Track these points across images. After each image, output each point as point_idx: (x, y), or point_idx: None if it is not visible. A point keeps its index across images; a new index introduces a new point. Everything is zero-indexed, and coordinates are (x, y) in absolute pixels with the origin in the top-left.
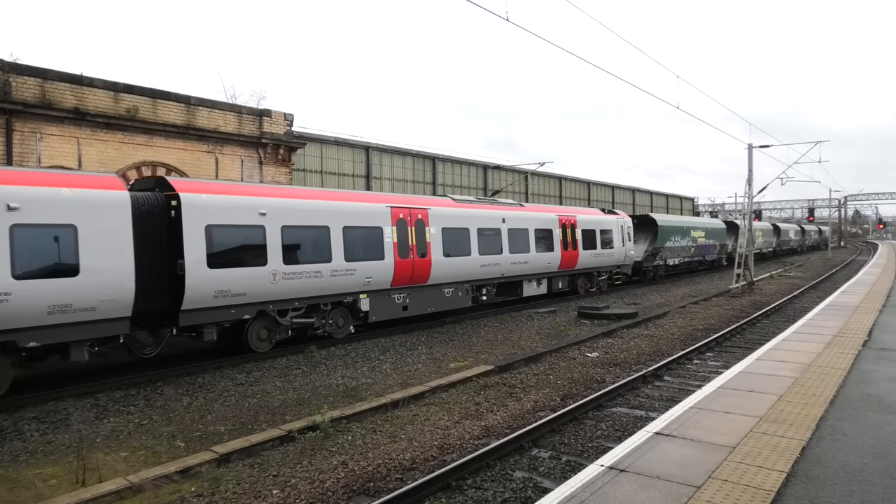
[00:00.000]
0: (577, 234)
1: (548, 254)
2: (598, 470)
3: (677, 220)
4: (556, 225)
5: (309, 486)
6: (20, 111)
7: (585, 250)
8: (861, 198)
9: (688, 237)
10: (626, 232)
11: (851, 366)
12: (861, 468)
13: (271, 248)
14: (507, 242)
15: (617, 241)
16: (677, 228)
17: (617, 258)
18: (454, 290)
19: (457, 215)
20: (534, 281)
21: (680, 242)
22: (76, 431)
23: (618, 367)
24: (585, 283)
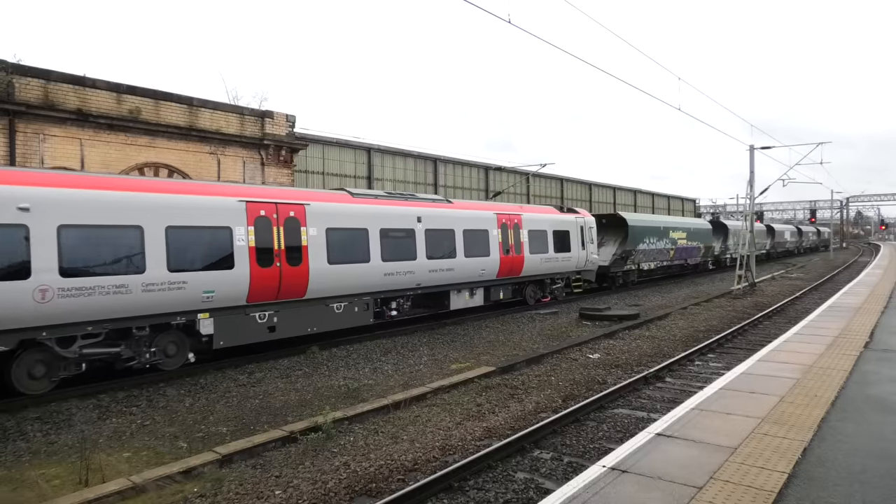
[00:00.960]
0: (522, 235)
1: (482, 259)
2: (600, 471)
3: (652, 220)
4: (494, 225)
5: (311, 486)
6: (23, 112)
7: (533, 254)
8: (863, 199)
9: (665, 239)
10: (588, 233)
11: (853, 367)
12: (862, 469)
13: (38, 256)
14: (423, 246)
15: (575, 244)
16: (652, 229)
17: (575, 263)
18: (348, 304)
19: (349, 213)
20: (465, 291)
21: (656, 245)
22: (79, 432)
23: (619, 369)
24: (536, 292)
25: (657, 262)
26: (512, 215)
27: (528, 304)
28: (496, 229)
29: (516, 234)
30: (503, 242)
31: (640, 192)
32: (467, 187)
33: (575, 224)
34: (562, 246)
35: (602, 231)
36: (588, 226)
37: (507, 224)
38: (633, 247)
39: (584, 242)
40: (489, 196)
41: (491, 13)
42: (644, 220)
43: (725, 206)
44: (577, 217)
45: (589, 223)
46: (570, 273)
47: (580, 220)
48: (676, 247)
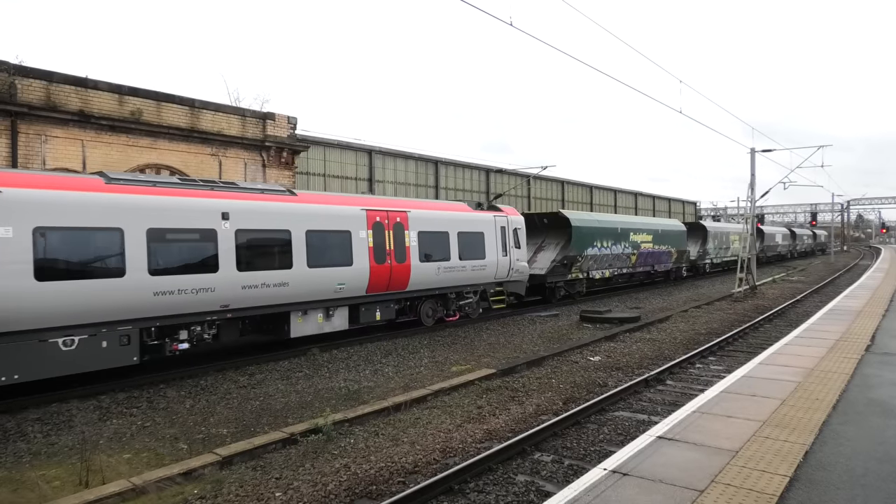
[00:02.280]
0: (407, 238)
1: (340, 270)
2: (601, 474)
3: (606, 220)
4: (362, 224)
5: (311, 488)
6: (25, 113)
7: (427, 262)
8: (864, 202)
9: (624, 242)
10: (513, 236)
11: (854, 370)
12: (864, 473)
13: None
14: (231, 252)
15: (492, 249)
16: (604, 230)
17: (494, 272)
18: (87, 339)
19: (89, 205)
20: (315, 312)
21: (611, 249)
22: (79, 433)
23: (620, 371)
24: (436, 310)
25: (614, 269)
26: (392, 212)
27: (425, 324)
28: (365, 230)
29: (398, 237)
30: (376, 247)
31: (641, 195)
32: (468, 189)
33: (492, 224)
34: (472, 251)
35: (543, 234)
36: (513, 227)
37: (382, 223)
38: (578, 251)
39: (506, 247)
40: (489, 198)
41: (493, 16)
42: (594, 220)
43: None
44: (498, 216)
45: (514, 223)
46: (488, 284)
47: (501, 219)
48: (640, 251)
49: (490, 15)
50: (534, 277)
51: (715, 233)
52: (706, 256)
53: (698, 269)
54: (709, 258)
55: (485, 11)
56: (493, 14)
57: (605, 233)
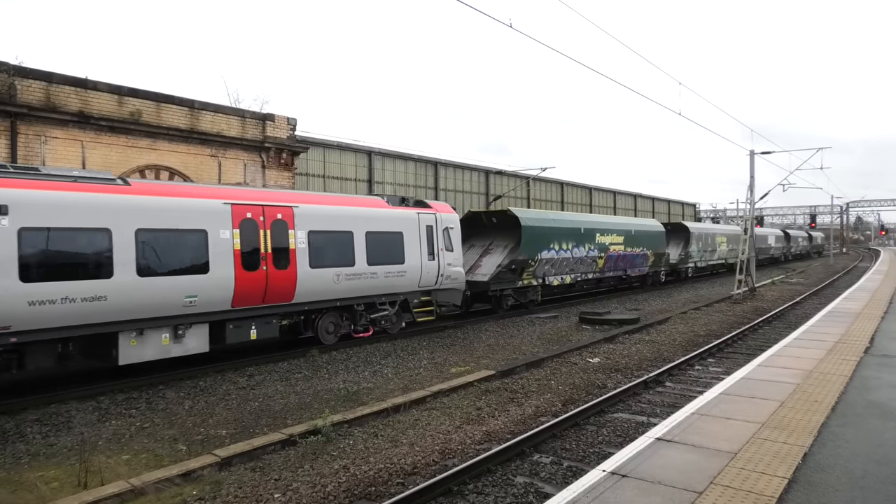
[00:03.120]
0: (293, 239)
1: (192, 278)
2: (600, 475)
3: (564, 220)
4: (225, 222)
5: (310, 490)
6: (25, 114)
7: (321, 268)
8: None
9: (589, 244)
10: (444, 236)
11: (853, 372)
12: (863, 475)
13: None
14: (10, 259)
15: (414, 251)
16: (563, 231)
17: (414, 279)
18: None
19: None
20: (159, 331)
21: (573, 252)
22: (78, 434)
23: (619, 373)
24: (341, 325)
25: (577, 274)
26: (270, 207)
27: (325, 341)
28: (229, 229)
29: (280, 237)
30: (245, 250)
31: (641, 197)
32: (468, 191)
33: (415, 223)
34: (387, 255)
35: (492, 235)
36: (444, 226)
37: (256, 221)
38: (530, 255)
39: (433, 249)
40: (489, 200)
41: (492, 17)
42: (550, 219)
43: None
44: (423, 213)
45: (445, 222)
46: (410, 294)
47: (427, 216)
48: (608, 254)
49: (490, 17)
50: (476, 285)
51: (699, 234)
52: (689, 260)
53: (680, 273)
54: (692, 261)
55: (484, 13)
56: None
57: (563, 233)
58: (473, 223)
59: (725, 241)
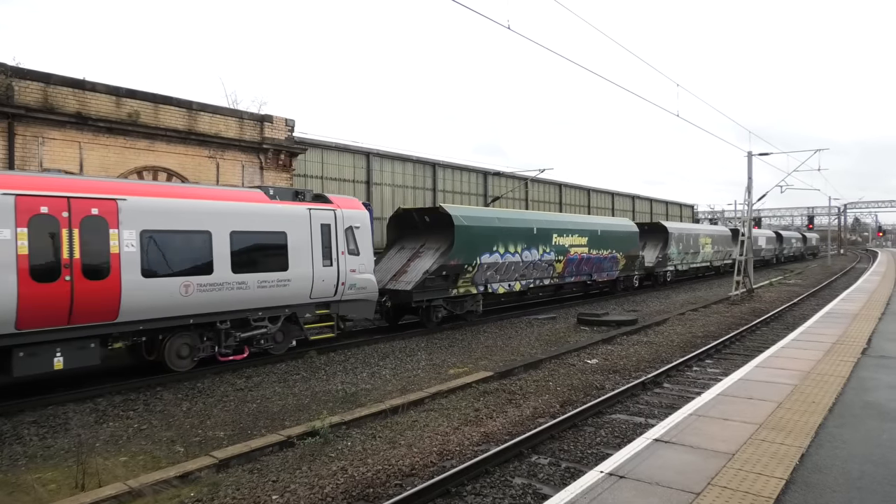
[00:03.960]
0: (115, 240)
1: None
2: (598, 476)
3: (511, 218)
4: (5, 219)
5: (308, 491)
6: (22, 115)
7: (158, 278)
8: (860, 206)
9: (543, 246)
10: (345, 237)
11: (851, 373)
12: (860, 476)
13: None
14: None
15: (303, 256)
16: (508, 231)
17: (304, 289)
18: None
19: None
20: None
21: (522, 255)
22: (76, 436)
23: (617, 374)
24: (199, 347)
25: (529, 280)
26: (80, 200)
27: (175, 368)
28: (10, 228)
29: (95, 239)
30: (35, 256)
31: (639, 198)
32: (466, 192)
33: (305, 221)
34: (263, 261)
35: (424, 236)
36: (347, 224)
37: (55, 217)
38: (465, 259)
39: (331, 253)
40: (487, 202)
41: (491, 19)
42: (493, 217)
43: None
44: (318, 209)
45: (349, 219)
46: (300, 307)
47: (322, 214)
48: (568, 258)
49: (488, 18)
50: (398, 295)
51: (679, 235)
52: (668, 263)
53: (657, 277)
54: (671, 265)
55: (483, 15)
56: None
57: (511, 234)
58: (405, 223)
59: (710, 243)
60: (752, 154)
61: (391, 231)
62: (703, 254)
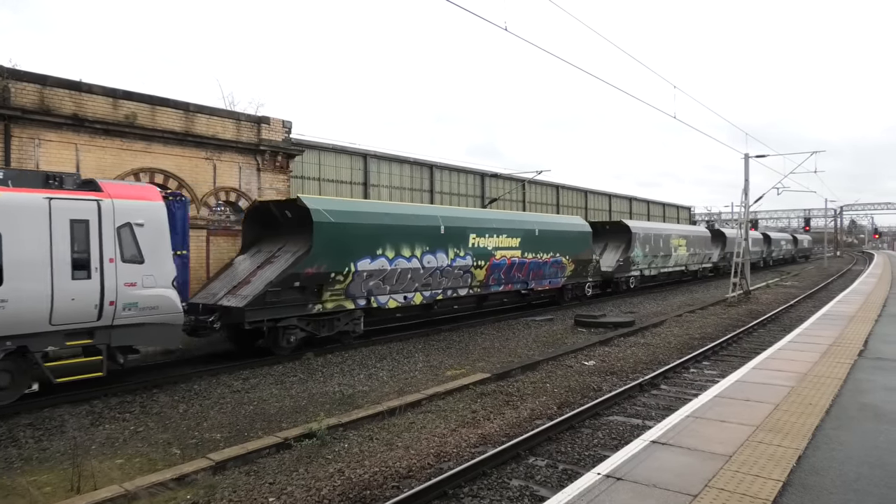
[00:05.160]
0: None
1: None
2: (595, 478)
3: (400, 214)
4: None
5: (305, 493)
6: (19, 117)
7: None
8: (857, 208)
9: (456, 249)
10: (116, 237)
11: (847, 375)
12: (857, 477)
13: None
14: None
15: (32, 265)
16: (400, 230)
17: (39, 311)
18: None
19: None
20: None
21: (426, 260)
22: (71, 438)
23: (614, 376)
24: None
25: (434, 291)
26: None
27: None
28: None
29: None
30: None
31: (636, 200)
32: (463, 193)
33: (42, 216)
34: None
35: (284, 236)
36: (123, 220)
37: None
38: (331, 265)
39: (93, 261)
40: (484, 203)
41: (488, 20)
42: (371, 212)
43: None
44: (69, 200)
45: (126, 214)
46: (31, 338)
47: (78, 205)
48: (493, 263)
49: (485, 20)
50: (230, 313)
51: (646, 235)
52: (631, 267)
53: (618, 284)
54: (636, 269)
55: (480, 16)
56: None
57: (402, 233)
58: (266, 219)
59: (685, 244)
60: (749, 156)
61: (249, 229)
62: (675, 257)
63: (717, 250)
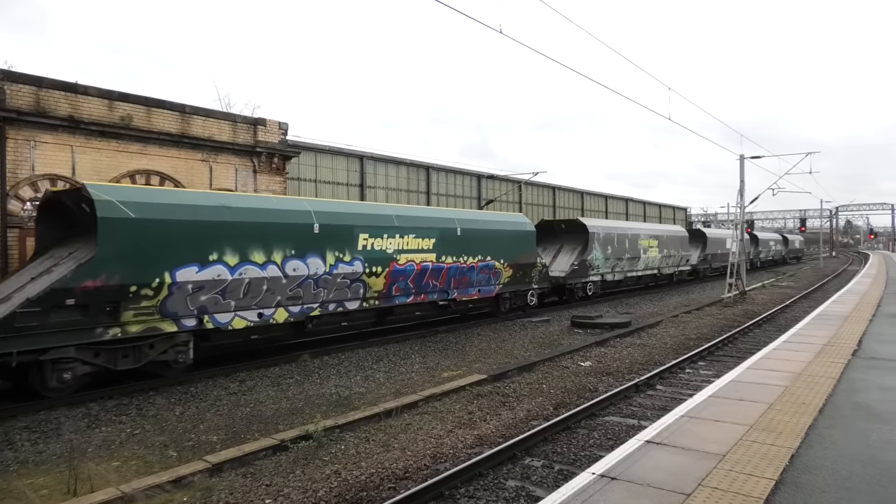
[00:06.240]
0: None
1: None
2: (590, 478)
3: (251, 207)
4: None
5: (302, 495)
6: (14, 119)
7: None
8: (852, 208)
9: (341, 252)
10: None
11: (841, 375)
12: (849, 476)
13: None
14: None
15: None
16: (244, 228)
17: None
18: None
19: None
20: None
21: (291, 267)
22: (67, 441)
23: (610, 376)
24: None
25: (309, 305)
26: None
27: None
28: None
29: None
30: None
31: (632, 201)
32: (460, 195)
33: None
34: None
35: (80, 237)
36: None
37: None
38: (130, 276)
39: None
40: (480, 205)
41: (483, 23)
42: (204, 204)
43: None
44: None
45: None
46: None
47: None
48: (395, 268)
49: (480, 23)
50: None
51: (607, 235)
52: (588, 272)
53: (574, 292)
54: (595, 274)
55: (475, 19)
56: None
57: (247, 232)
58: (64, 215)
59: (656, 245)
60: (745, 157)
61: (46, 229)
62: (645, 259)
63: (696, 252)
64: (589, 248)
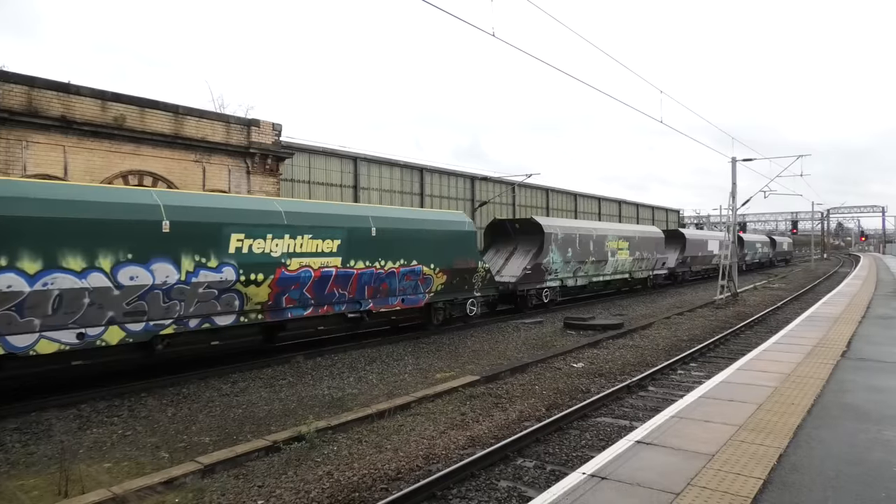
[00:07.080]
0: None
1: None
2: (580, 478)
3: (45, 197)
4: None
5: (294, 496)
6: (6, 119)
7: None
8: (843, 210)
9: (202, 256)
10: None
11: (830, 375)
12: (836, 475)
13: None
14: None
15: None
16: (49, 226)
17: None
18: None
19: None
20: None
21: (125, 276)
22: (59, 442)
23: (603, 378)
24: None
25: (157, 322)
26: None
27: None
28: None
29: None
30: None
31: (625, 203)
32: (454, 197)
33: None
34: None
35: None
36: None
37: None
38: None
39: None
40: (474, 206)
41: (476, 27)
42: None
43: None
44: None
45: None
46: None
47: None
48: (282, 276)
49: (473, 26)
50: None
51: (567, 237)
52: (545, 277)
53: (527, 300)
54: (552, 279)
55: (468, 23)
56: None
57: (58, 230)
58: None
59: (627, 248)
60: (736, 160)
61: None
62: (614, 262)
63: (674, 254)
64: (545, 251)
